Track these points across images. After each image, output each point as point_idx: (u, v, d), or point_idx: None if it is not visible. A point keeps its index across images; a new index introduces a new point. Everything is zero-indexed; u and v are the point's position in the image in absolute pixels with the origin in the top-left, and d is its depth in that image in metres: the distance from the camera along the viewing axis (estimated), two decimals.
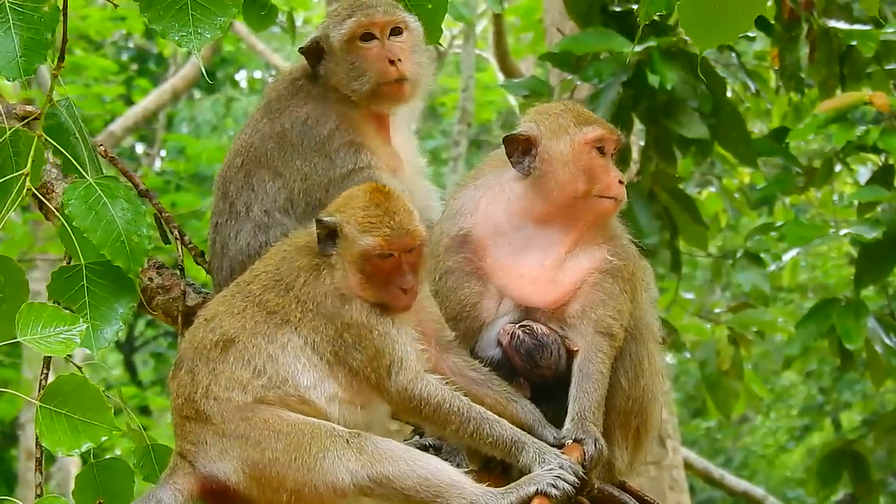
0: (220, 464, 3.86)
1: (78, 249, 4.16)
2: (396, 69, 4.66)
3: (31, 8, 4.04)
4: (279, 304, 3.97)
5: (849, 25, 8.67)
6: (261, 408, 3.87)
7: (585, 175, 4.32)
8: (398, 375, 3.91)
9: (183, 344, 4.08)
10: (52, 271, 4.25)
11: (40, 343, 3.83)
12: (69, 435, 3.83)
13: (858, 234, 8.19)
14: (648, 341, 4.41)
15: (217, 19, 4.01)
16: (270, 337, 3.94)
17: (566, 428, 4.09)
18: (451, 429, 3.94)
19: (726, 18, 3.77)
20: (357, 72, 4.69)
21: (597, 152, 4.34)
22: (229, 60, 23.46)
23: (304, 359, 3.93)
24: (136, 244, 4.15)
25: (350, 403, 3.96)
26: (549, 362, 4.21)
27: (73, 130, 4.35)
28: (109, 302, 4.17)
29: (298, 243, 4.10)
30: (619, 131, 4.45)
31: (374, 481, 3.80)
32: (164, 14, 4.00)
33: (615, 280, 4.30)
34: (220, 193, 4.83)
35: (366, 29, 4.71)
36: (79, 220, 4.11)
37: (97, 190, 4.16)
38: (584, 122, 4.39)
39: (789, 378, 21.53)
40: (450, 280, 4.31)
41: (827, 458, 9.71)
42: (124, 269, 4.13)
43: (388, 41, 4.71)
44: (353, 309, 3.96)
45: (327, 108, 4.74)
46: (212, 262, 4.84)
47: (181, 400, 3.94)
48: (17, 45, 4.01)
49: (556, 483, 3.84)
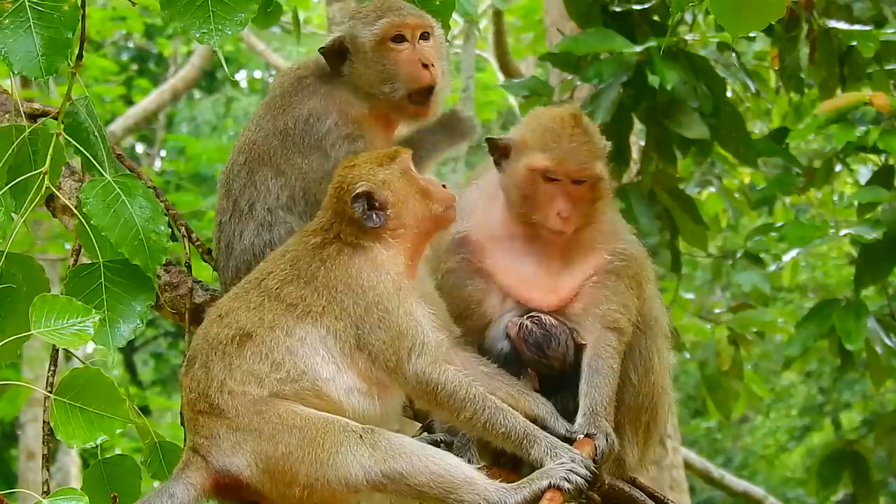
0: (234, 458, 3.88)
1: (96, 247, 4.15)
2: (430, 73, 4.64)
3: (51, 7, 4.03)
4: (300, 297, 3.99)
5: (849, 26, 8.67)
6: (275, 402, 3.88)
7: (526, 201, 4.27)
8: (418, 359, 3.92)
9: (195, 340, 4.08)
10: (68, 269, 4.25)
11: (54, 335, 3.82)
12: (84, 427, 3.82)
13: (858, 235, 8.18)
14: (658, 336, 4.41)
15: (237, 15, 4.01)
16: (289, 330, 3.95)
17: (578, 423, 4.10)
18: (464, 417, 3.94)
19: (757, 6, 3.83)
20: (388, 74, 4.66)
21: (545, 181, 4.25)
22: (229, 60, 23.45)
23: (324, 351, 3.94)
24: (155, 242, 4.14)
25: (367, 395, 3.97)
26: (557, 353, 4.23)
27: (91, 129, 4.34)
28: (127, 300, 4.16)
29: (315, 237, 4.11)
30: (583, 165, 4.23)
31: (387, 477, 3.80)
32: (184, 11, 3.99)
33: (619, 278, 4.30)
34: (223, 191, 4.82)
35: (398, 30, 4.67)
36: (97, 218, 4.10)
37: (115, 188, 4.15)
38: (542, 146, 4.27)
39: (789, 378, 21.53)
40: (452, 279, 4.32)
41: (827, 459, 9.71)
42: (142, 267, 4.12)
43: (419, 45, 4.68)
44: (386, 280, 3.98)
45: (329, 105, 4.72)
46: (217, 261, 4.84)
47: (194, 395, 3.95)
48: (37, 45, 4.00)
49: (568, 477, 3.85)
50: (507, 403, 4.00)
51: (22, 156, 4.21)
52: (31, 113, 4.78)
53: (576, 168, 4.23)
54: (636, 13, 8.18)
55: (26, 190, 4.13)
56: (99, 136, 4.34)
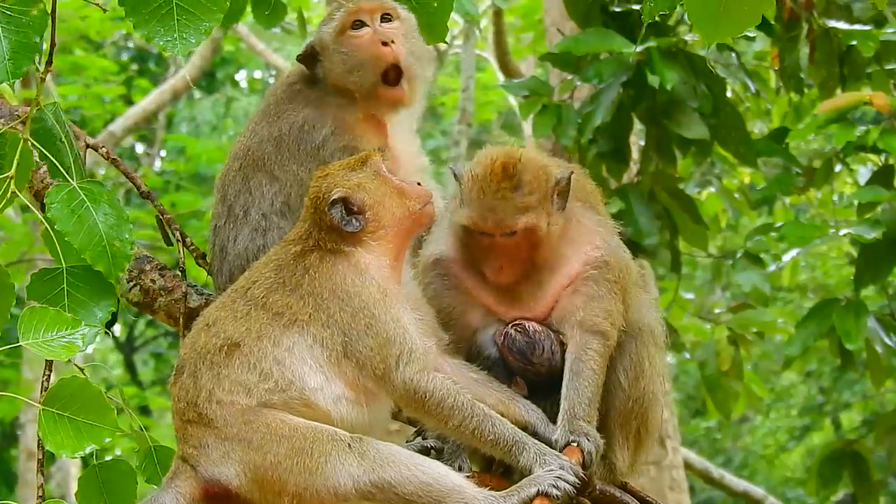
0: (222, 467, 3.86)
1: (60, 252, 4.15)
2: (391, 50, 4.64)
3: (19, 11, 4.01)
4: (286, 305, 3.98)
5: (849, 25, 8.66)
6: (263, 412, 3.87)
7: (468, 249, 4.23)
8: (406, 367, 3.91)
9: (183, 350, 4.07)
10: (31, 273, 4.25)
11: (43, 347, 3.83)
12: (72, 437, 3.82)
13: (858, 235, 8.17)
14: (648, 343, 4.38)
15: (202, 24, 3.96)
16: (276, 340, 3.94)
17: (557, 430, 4.07)
18: (452, 424, 3.93)
19: (733, 13, 3.79)
20: (353, 61, 4.69)
21: (478, 233, 4.17)
22: (229, 60, 23.46)
23: (311, 360, 3.93)
24: (118, 249, 4.13)
25: (355, 403, 3.95)
26: (542, 360, 4.22)
27: (59, 135, 4.34)
28: (89, 306, 4.15)
29: (296, 246, 4.10)
30: (505, 223, 4.10)
31: (376, 486, 3.79)
32: (149, 18, 3.96)
33: (597, 283, 4.25)
34: (219, 196, 4.85)
35: (355, 16, 4.71)
36: (61, 223, 4.10)
37: (80, 194, 4.15)
38: (469, 200, 4.16)
39: (789, 378, 21.54)
40: (430, 292, 4.29)
41: (827, 459, 9.70)
42: (105, 273, 4.11)
43: (380, 27, 4.70)
44: (371, 285, 3.98)
45: (324, 112, 4.74)
46: (212, 265, 4.86)
47: (183, 404, 3.94)
48: (4, 49, 3.98)
49: (557, 484, 3.84)
50: (496, 410, 3.99)
51: None
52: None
53: (496, 225, 4.13)
54: (636, 13, 8.18)
55: None
56: (67, 142, 4.35)
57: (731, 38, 3.82)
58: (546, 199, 4.18)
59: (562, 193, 4.22)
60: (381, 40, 4.66)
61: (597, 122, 7.76)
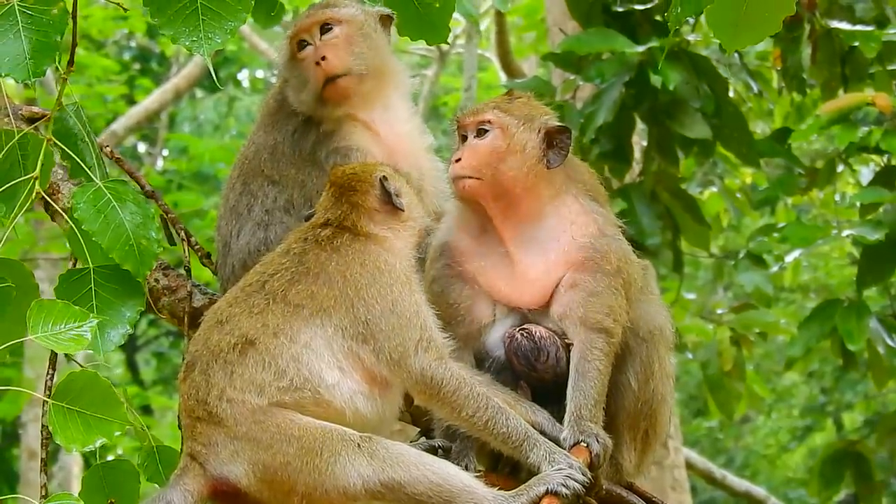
0: (232, 466, 3.86)
1: (86, 252, 4.15)
2: (322, 69, 4.60)
3: (39, 11, 4.02)
4: (309, 294, 3.97)
5: (851, 26, 8.67)
6: (274, 411, 3.87)
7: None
8: (424, 353, 3.93)
9: (194, 346, 4.05)
10: (59, 274, 4.25)
11: (51, 340, 3.82)
12: (82, 431, 3.82)
13: (861, 235, 8.18)
14: (659, 345, 4.35)
15: (227, 24, 3.98)
16: (294, 336, 3.93)
17: (566, 430, 4.07)
18: (466, 414, 3.93)
19: (753, 19, 3.78)
20: (300, 83, 4.68)
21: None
22: (232, 60, 23.46)
23: (329, 355, 3.92)
24: (145, 247, 4.14)
25: (369, 397, 3.95)
26: (545, 366, 4.20)
27: (81, 134, 4.35)
28: (117, 305, 4.16)
29: (323, 231, 4.12)
30: (473, 112, 4.30)
31: (385, 486, 3.79)
32: (174, 19, 3.98)
33: (595, 277, 4.20)
34: (223, 202, 4.91)
35: (298, 37, 4.69)
36: (88, 223, 4.10)
37: (106, 193, 4.15)
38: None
39: (791, 378, 21.53)
40: (436, 286, 4.29)
41: (829, 459, 9.71)
42: (133, 273, 4.12)
43: (320, 42, 4.66)
44: (400, 267, 4.05)
45: (310, 119, 4.74)
46: (216, 263, 4.86)
47: (193, 401, 3.94)
48: (25, 48, 3.98)
49: (566, 483, 3.84)
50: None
51: (11, 160, 4.20)
52: (31, 116, 4.78)
53: (471, 112, 4.33)
54: (638, 13, 8.18)
55: (15, 195, 4.12)
56: (89, 142, 4.35)
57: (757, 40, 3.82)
58: (531, 127, 4.24)
59: (553, 138, 4.24)
60: (315, 60, 4.62)
61: (599, 121, 7.76)
